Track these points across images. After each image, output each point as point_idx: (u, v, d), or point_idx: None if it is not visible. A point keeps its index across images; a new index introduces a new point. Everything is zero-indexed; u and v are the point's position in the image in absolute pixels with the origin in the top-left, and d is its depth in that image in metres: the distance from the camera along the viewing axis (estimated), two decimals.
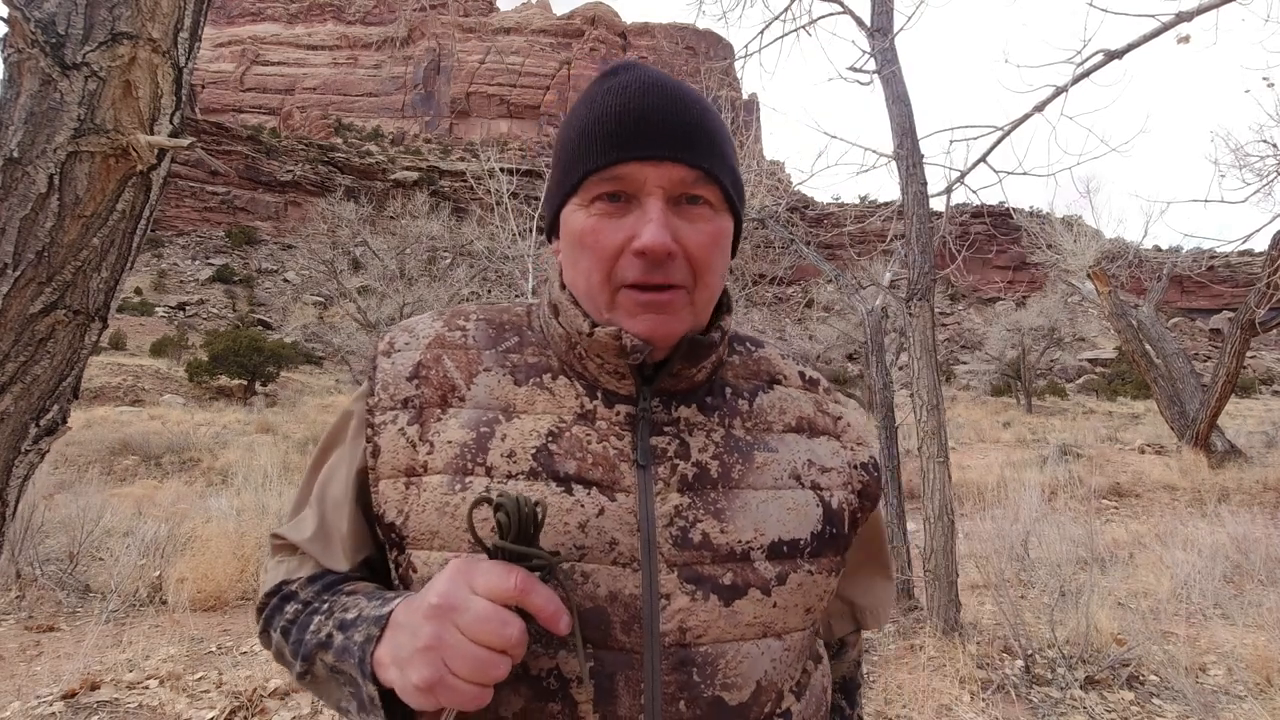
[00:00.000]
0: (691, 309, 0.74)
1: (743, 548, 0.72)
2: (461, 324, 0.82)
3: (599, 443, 0.73)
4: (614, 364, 0.75)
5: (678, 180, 0.71)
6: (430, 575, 0.70)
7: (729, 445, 0.77)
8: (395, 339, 0.81)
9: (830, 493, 0.80)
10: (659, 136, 0.71)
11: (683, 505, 0.72)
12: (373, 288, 25.60)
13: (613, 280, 0.72)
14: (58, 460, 10.54)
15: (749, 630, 0.71)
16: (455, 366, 0.78)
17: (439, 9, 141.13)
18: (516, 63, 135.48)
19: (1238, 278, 47.71)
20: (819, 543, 0.77)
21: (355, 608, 0.70)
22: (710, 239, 0.73)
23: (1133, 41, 4.34)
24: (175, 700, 3.42)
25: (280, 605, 0.79)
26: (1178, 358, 11.67)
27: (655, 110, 0.71)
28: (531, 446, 0.72)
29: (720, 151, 0.74)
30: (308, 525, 0.81)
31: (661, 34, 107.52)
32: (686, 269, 0.72)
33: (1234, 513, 7.33)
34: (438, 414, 0.75)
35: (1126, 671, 3.74)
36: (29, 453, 1.37)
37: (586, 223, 0.72)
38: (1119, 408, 29.68)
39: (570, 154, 0.74)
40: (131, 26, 1.30)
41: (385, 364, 0.79)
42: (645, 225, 0.69)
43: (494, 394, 0.76)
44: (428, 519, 0.71)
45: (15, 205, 1.26)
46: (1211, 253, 14.93)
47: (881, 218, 5.76)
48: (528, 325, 0.83)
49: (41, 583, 4.96)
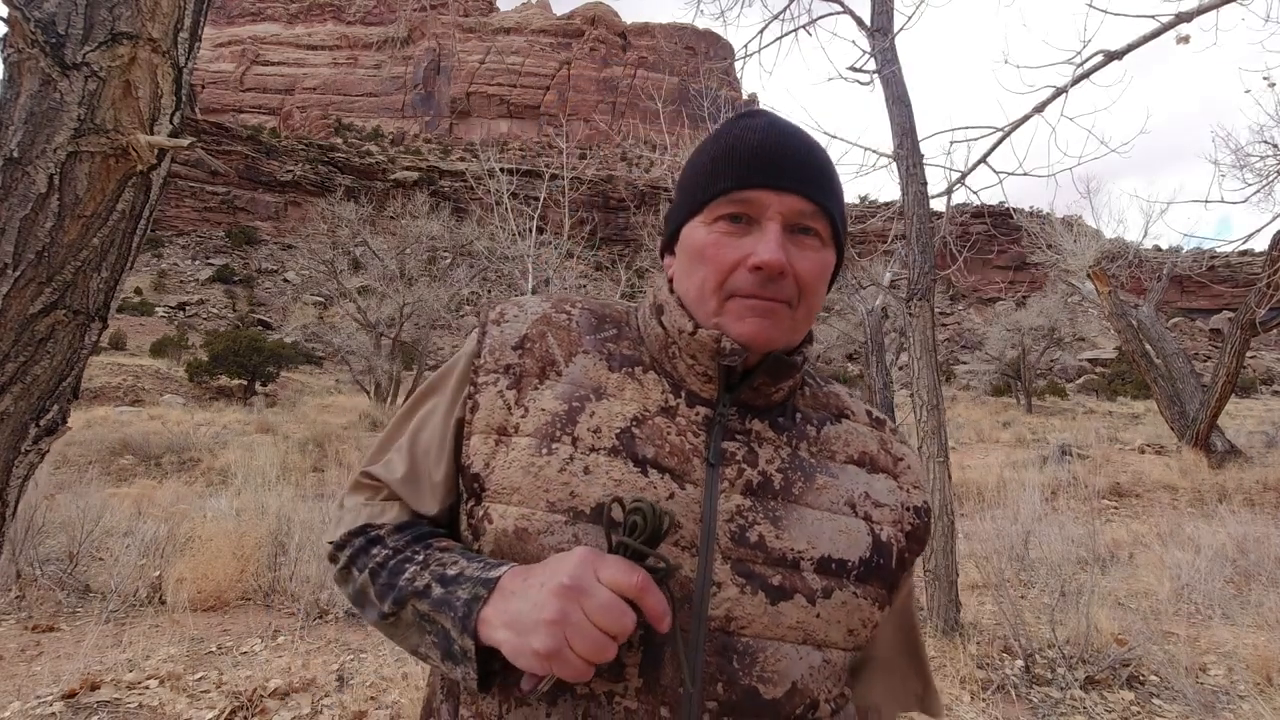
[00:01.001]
0: (792, 323, 0.80)
1: (794, 556, 0.78)
2: (567, 309, 0.89)
3: (677, 435, 0.79)
4: (704, 366, 0.81)
5: (796, 210, 0.79)
6: (504, 529, 0.77)
7: (793, 463, 0.82)
8: (506, 311, 0.89)
9: (881, 527, 0.84)
10: (784, 169, 0.79)
11: (744, 506, 0.78)
12: (373, 288, 25.60)
13: (725, 289, 0.79)
14: (58, 460, 10.54)
15: (790, 633, 0.76)
16: (557, 344, 0.85)
17: (439, 9, 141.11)
18: (516, 63, 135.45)
19: (1238, 278, 47.72)
20: (865, 569, 0.82)
21: (455, 565, 0.75)
22: (817, 266, 0.80)
23: (1133, 42, 4.35)
24: (175, 700, 3.42)
25: (366, 547, 0.82)
26: (1178, 358, 11.67)
27: (782, 147, 0.80)
28: (616, 427, 0.79)
29: (835, 192, 0.82)
30: (398, 466, 0.86)
31: (661, 34, 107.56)
32: (794, 288, 0.79)
33: (1234, 513, 7.33)
34: (535, 383, 0.82)
35: (1127, 671, 3.74)
36: (29, 453, 1.37)
37: (709, 238, 0.80)
38: (1119, 408, 29.68)
39: (700, 178, 0.82)
40: (131, 26, 1.30)
41: (494, 330, 0.86)
42: (764, 244, 0.77)
43: (588, 374, 0.83)
44: (511, 475, 0.78)
45: (15, 205, 1.26)
46: (1211, 253, 14.94)
47: (882, 218, 5.76)
48: (626, 322, 0.90)
49: (41, 583, 4.96)
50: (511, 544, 0.76)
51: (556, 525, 0.75)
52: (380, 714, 3.26)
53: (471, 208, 13.50)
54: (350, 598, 0.84)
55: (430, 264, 26.34)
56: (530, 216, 10.26)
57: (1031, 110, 4.68)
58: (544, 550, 0.74)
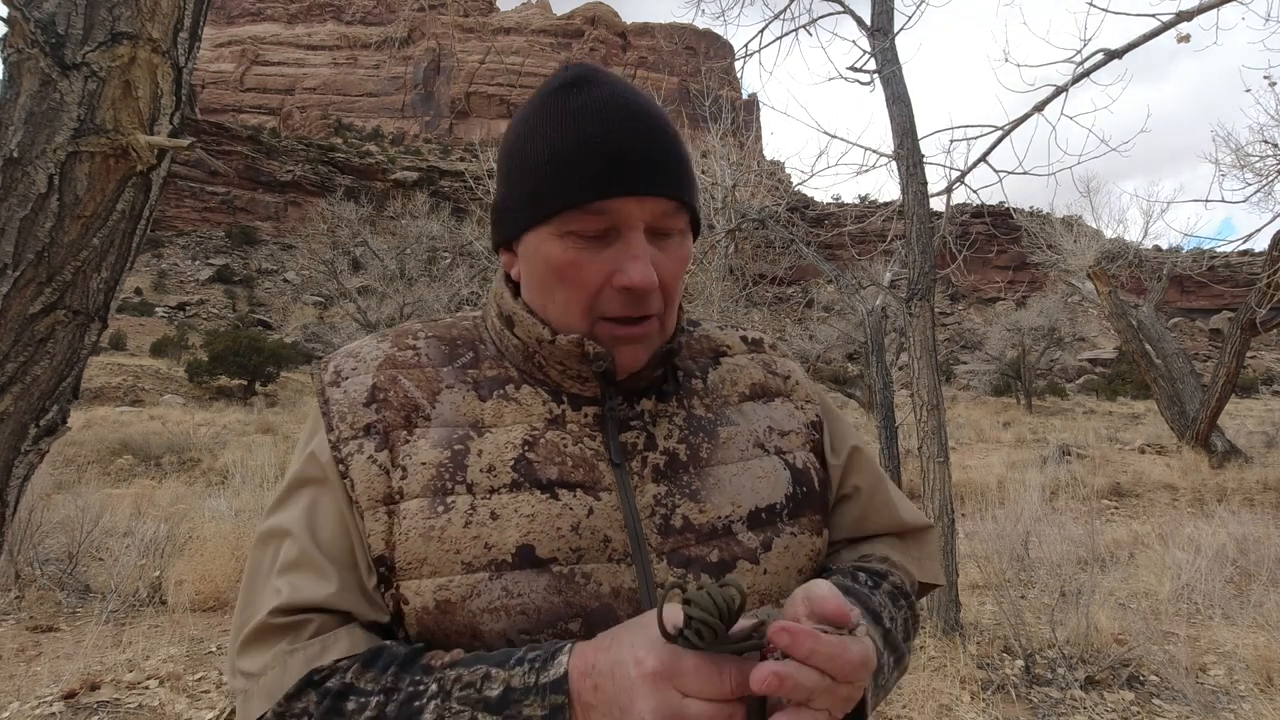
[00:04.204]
0: (661, 333, 0.76)
1: (723, 523, 0.74)
2: (411, 343, 0.80)
3: (574, 445, 0.74)
4: (576, 369, 0.76)
5: (659, 213, 0.72)
6: (423, 606, 0.67)
7: (692, 426, 0.79)
8: (340, 366, 0.78)
9: (793, 454, 0.82)
10: (644, 170, 0.70)
11: (660, 494, 0.74)
12: (373, 288, 25.61)
13: (592, 313, 0.73)
14: (57, 460, 10.53)
15: (746, 601, 0.71)
16: (415, 385, 0.76)
17: (439, 9, 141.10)
18: (516, 63, 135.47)
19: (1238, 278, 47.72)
20: (794, 504, 0.79)
21: (494, 681, 0.60)
22: (680, 264, 0.75)
23: (1133, 41, 4.34)
24: (175, 700, 3.42)
25: (335, 706, 0.63)
26: (1178, 358, 11.67)
27: (636, 139, 0.71)
28: (510, 458, 0.72)
29: (690, 177, 0.75)
30: (317, 582, 0.69)
31: (661, 34, 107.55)
32: (660, 297, 0.74)
33: (1234, 513, 7.33)
34: (404, 436, 0.73)
35: (1127, 671, 3.74)
36: (29, 453, 1.37)
37: (565, 255, 0.71)
38: (1119, 408, 29.69)
39: (541, 179, 0.72)
40: (131, 27, 1.30)
41: (336, 394, 0.75)
42: (632, 262, 0.70)
43: (460, 410, 0.75)
44: (413, 546, 0.68)
45: (15, 205, 1.26)
46: (1211, 253, 14.93)
47: (881, 218, 5.76)
48: (478, 339, 0.82)
49: (41, 583, 4.96)
50: (437, 620, 0.67)
51: (481, 585, 0.67)
52: None
53: (471, 208, 13.48)
54: None
55: (430, 264, 26.35)
56: None
57: (1031, 109, 4.68)
58: (475, 617, 0.66)
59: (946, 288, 68.70)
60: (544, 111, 0.74)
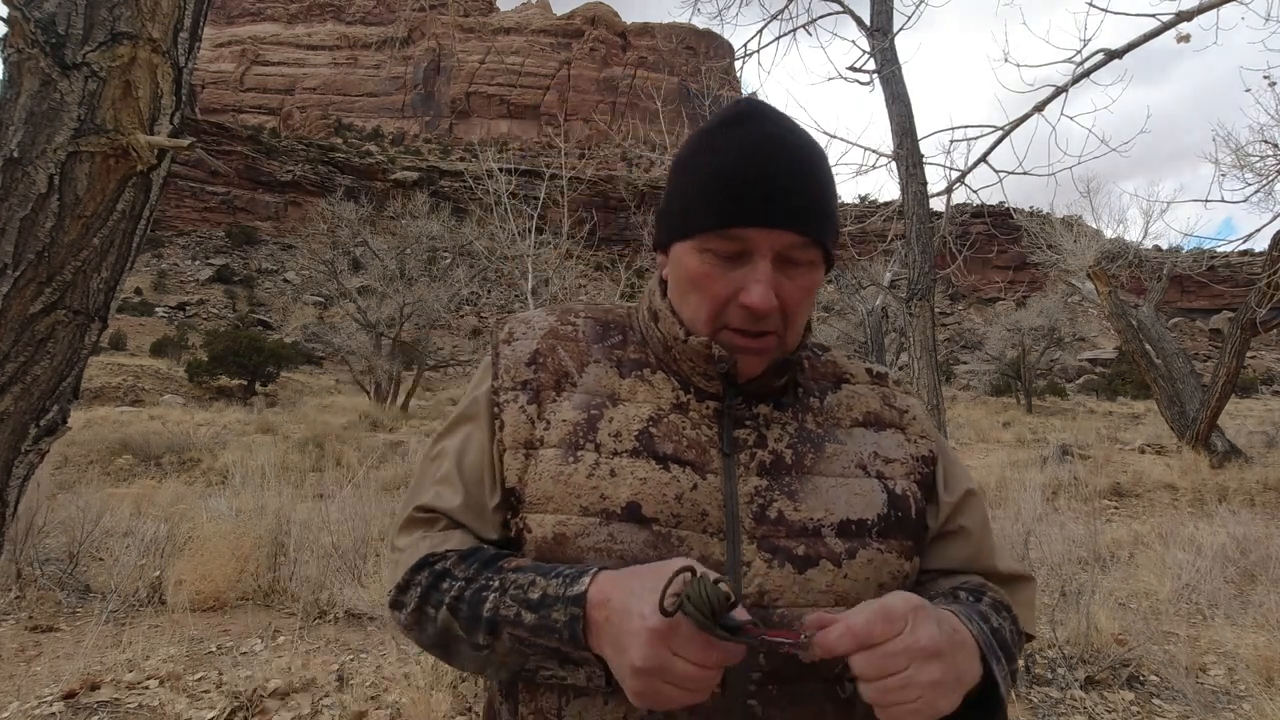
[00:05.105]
0: (781, 348, 0.84)
1: (814, 525, 0.81)
2: (572, 320, 0.93)
3: (692, 429, 0.84)
4: (704, 368, 0.85)
5: (787, 245, 0.79)
6: (543, 536, 0.80)
7: (801, 437, 0.86)
8: (514, 329, 0.92)
9: (894, 481, 0.88)
10: (776, 203, 0.78)
11: (761, 487, 0.82)
12: (373, 288, 25.59)
13: (717, 321, 0.82)
14: (58, 460, 10.54)
15: (822, 597, 0.80)
16: (568, 356, 0.88)
17: (439, 9, 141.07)
18: (516, 63, 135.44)
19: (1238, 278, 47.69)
20: (885, 524, 0.85)
21: (535, 587, 0.75)
22: (804, 292, 0.82)
23: (1133, 41, 4.34)
24: (175, 700, 3.42)
25: (435, 583, 0.81)
26: (1178, 358, 11.67)
27: (774, 175, 0.78)
28: (635, 429, 0.83)
29: (826, 214, 0.82)
30: (451, 496, 0.86)
31: (661, 34, 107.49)
32: (781, 317, 0.81)
33: (1234, 512, 7.33)
34: (553, 396, 0.86)
35: (1127, 671, 3.74)
36: (29, 453, 1.37)
37: (700, 268, 0.81)
38: (1119, 408, 29.68)
39: (692, 200, 0.82)
40: (131, 26, 1.30)
41: (506, 350, 0.89)
42: (754, 285, 0.78)
43: (601, 382, 0.87)
44: (543, 485, 0.81)
45: (15, 205, 1.26)
46: (1211, 253, 14.94)
47: (881, 218, 5.75)
48: (629, 325, 0.93)
49: (41, 583, 4.96)
50: (551, 549, 0.80)
51: (591, 527, 0.79)
52: (380, 714, 3.26)
53: (471, 208, 13.50)
54: (430, 639, 0.82)
55: (430, 264, 26.34)
56: (530, 216, 10.25)
57: (1031, 109, 4.68)
58: (583, 552, 0.78)
59: (946, 288, 68.69)
60: (709, 139, 0.84)
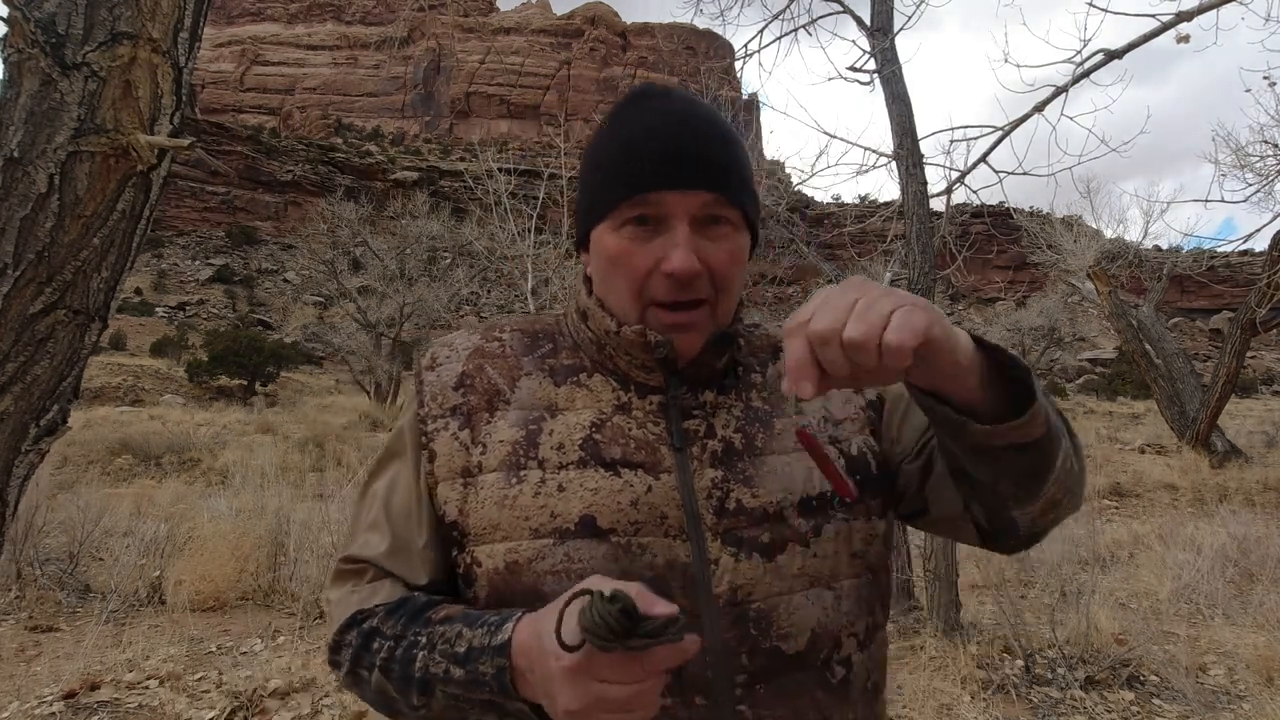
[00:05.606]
0: (714, 320, 0.81)
1: (775, 508, 0.79)
2: (498, 335, 0.89)
3: (638, 429, 0.81)
4: (642, 359, 0.82)
5: (701, 205, 0.77)
6: (494, 568, 0.77)
7: (749, 417, 0.84)
8: (437, 354, 0.88)
9: (848, 442, 0.86)
10: (685, 166, 0.77)
11: (718, 478, 0.79)
12: (373, 288, 25.58)
13: (643, 297, 0.79)
14: (58, 460, 10.53)
15: (796, 582, 0.78)
16: (498, 373, 0.85)
17: (439, 9, 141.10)
18: (516, 63, 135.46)
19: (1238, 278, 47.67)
20: None
21: (461, 639, 0.71)
22: (731, 256, 0.80)
23: (1133, 41, 4.34)
24: (175, 700, 3.42)
25: (365, 643, 0.78)
26: (1178, 358, 11.67)
27: (680, 140, 0.78)
28: (578, 438, 0.80)
29: (741, 177, 0.81)
30: (378, 542, 0.84)
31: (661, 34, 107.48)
32: (710, 284, 0.79)
33: (1235, 512, 7.33)
34: (486, 417, 0.82)
35: (1127, 671, 3.74)
36: (29, 453, 1.37)
37: (618, 244, 0.79)
38: (1119, 408, 29.68)
39: (601, 180, 0.81)
40: (131, 26, 1.30)
41: (430, 377, 0.86)
42: (673, 249, 0.76)
43: (536, 395, 0.83)
44: (488, 514, 0.78)
45: (15, 205, 1.26)
46: (1211, 253, 14.93)
47: (881, 218, 5.75)
48: (559, 332, 0.90)
49: (41, 583, 4.96)
50: (506, 580, 0.76)
51: (546, 549, 0.75)
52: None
53: (471, 208, 13.51)
54: (371, 702, 0.80)
55: (430, 264, 26.33)
56: (530, 216, 10.25)
57: (1031, 109, 4.68)
58: (540, 578, 0.75)
59: (946, 288, 68.69)
60: (612, 122, 0.84)
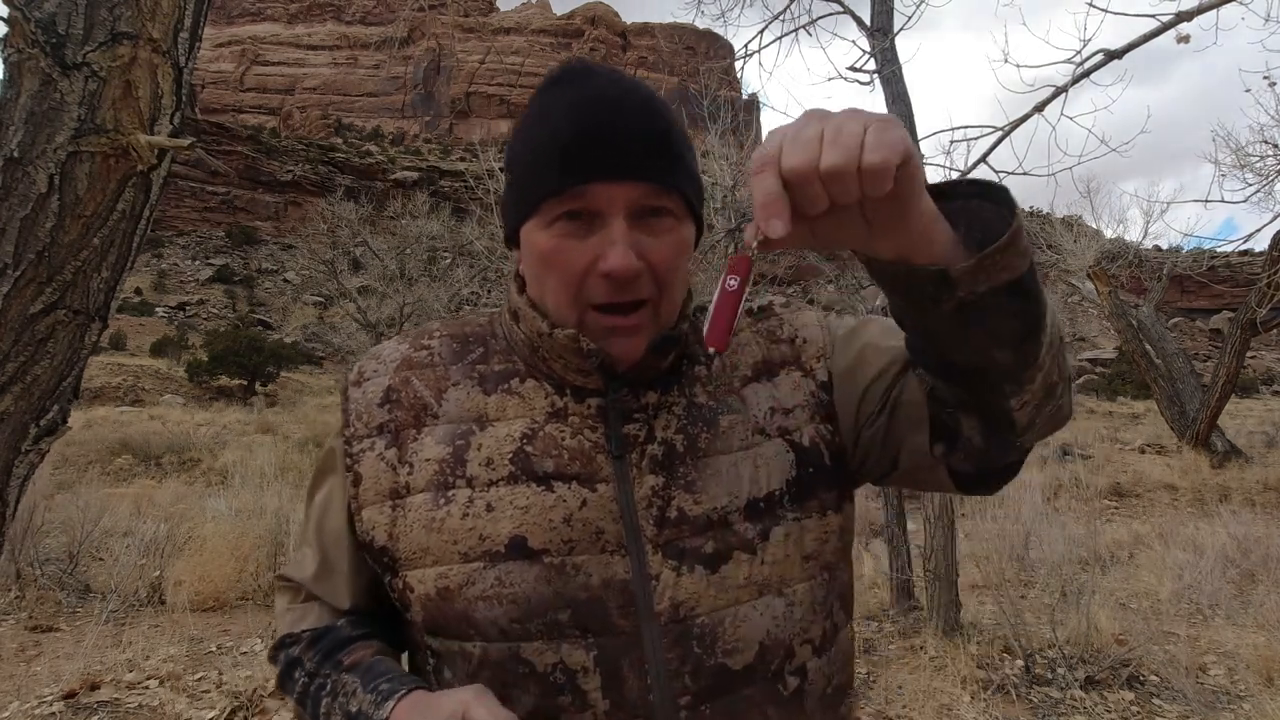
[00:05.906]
0: (657, 321, 0.74)
1: (719, 514, 0.73)
2: (426, 343, 0.82)
3: (573, 438, 0.74)
4: (577, 363, 0.75)
5: (638, 196, 0.70)
6: (426, 593, 0.73)
7: (691, 416, 0.76)
8: (364, 368, 0.82)
9: (799, 432, 0.78)
10: (618, 154, 0.69)
11: (657, 485, 0.73)
12: (373, 288, 25.57)
13: (579, 301, 0.72)
14: (58, 460, 10.53)
15: (743, 593, 0.72)
16: (424, 385, 0.79)
17: (439, 9, 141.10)
18: (516, 63, 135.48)
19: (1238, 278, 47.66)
20: (797, 487, 0.76)
21: (355, 699, 0.72)
22: (674, 249, 0.72)
23: (1133, 41, 4.34)
24: (175, 700, 3.42)
25: (289, 670, 0.81)
26: (1178, 358, 11.67)
27: (612, 126, 0.69)
28: (508, 451, 0.74)
29: (680, 162, 0.73)
30: (309, 562, 0.83)
31: (662, 34, 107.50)
32: (652, 282, 0.71)
33: (1235, 512, 7.33)
34: (414, 434, 0.77)
35: (1127, 671, 3.74)
36: (29, 453, 1.37)
37: (550, 242, 0.71)
38: (1119, 408, 29.67)
39: (527, 173, 0.73)
40: (132, 26, 1.30)
41: (356, 394, 0.80)
42: (610, 247, 0.68)
43: (464, 406, 0.77)
44: (416, 537, 0.73)
45: (15, 205, 1.26)
46: (1211, 253, 14.93)
47: None
48: (491, 334, 0.83)
49: (41, 583, 4.96)
50: (439, 606, 0.72)
51: (476, 574, 0.71)
52: None
53: (471, 208, 13.51)
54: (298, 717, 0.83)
55: (430, 264, 26.33)
56: None
57: (1031, 110, 4.67)
58: (471, 604, 0.71)
59: None
60: (535, 108, 0.75)
